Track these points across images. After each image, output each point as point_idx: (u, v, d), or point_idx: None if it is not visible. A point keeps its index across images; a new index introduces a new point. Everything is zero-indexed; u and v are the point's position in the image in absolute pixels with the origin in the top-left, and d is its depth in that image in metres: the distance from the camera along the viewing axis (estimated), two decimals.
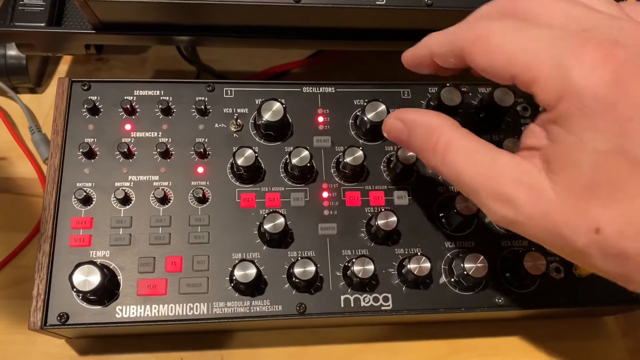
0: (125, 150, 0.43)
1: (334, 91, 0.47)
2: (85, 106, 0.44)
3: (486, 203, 0.32)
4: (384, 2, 0.46)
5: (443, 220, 0.44)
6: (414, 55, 0.38)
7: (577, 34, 0.29)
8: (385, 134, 0.40)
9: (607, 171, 0.27)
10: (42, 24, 0.48)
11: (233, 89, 0.46)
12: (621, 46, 0.28)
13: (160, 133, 0.44)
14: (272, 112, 0.43)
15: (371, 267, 0.40)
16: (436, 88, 0.47)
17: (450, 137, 0.34)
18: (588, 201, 0.28)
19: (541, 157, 0.30)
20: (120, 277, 0.40)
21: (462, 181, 0.33)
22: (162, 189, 0.42)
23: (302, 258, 0.40)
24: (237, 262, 0.39)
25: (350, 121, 0.47)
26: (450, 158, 0.33)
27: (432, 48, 0.36)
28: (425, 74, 0.39)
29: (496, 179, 0.31)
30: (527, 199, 0.30)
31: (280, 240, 0.42)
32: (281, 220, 0.40)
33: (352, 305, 0.41)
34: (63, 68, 0.60)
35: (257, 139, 0.45)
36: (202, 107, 0.45)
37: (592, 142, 0.28)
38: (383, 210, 0.42)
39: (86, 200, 0.42)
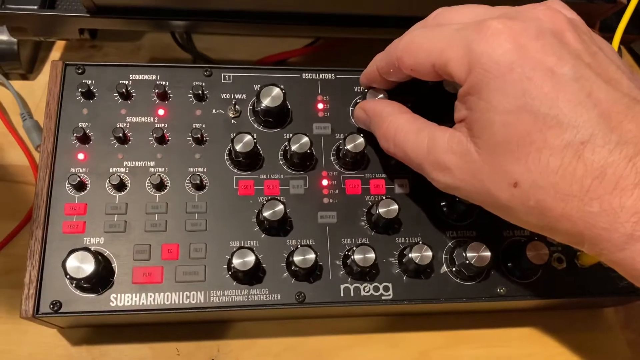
0: (121, 135, 0.42)
1: (334, 78, 0.47)
2: (80, 90, 0.43)
3: (430, 173, 0.36)
4: None
5: (444, 209, 0.43)
6: (366, 73, 0.43)
7: (480, 20, 0.32)
8: (354, 122, 0.44)
9: (516, 127, 0.30)
10: (35, 7, 0.47)
11: (231, 74, 0.45)
12: (518, 19, 0.32)
13: (156, 118, 0.43)
14: (272, 97, 0.42)
15: (372, 255, 0.39)
16: None
17: (397, 123, 0.38)
18: (504, 157, 0.31)
19: (466, 126, 0.34)
20: (114, 265, 0.39)
21: (410, 158, 0.37)
22: (159, 175, 0.41)
23: (301, 246, 0.39)
24: (235, 249, 0.39)
25: (351, 108, 0.46)
26: (398, 141, 0.38)
27: (377, 63, 0.41)
28: None
29: (434, 151, 0.35)
30: (458, 164, 0.34)
31: (279, 228, 0.41)
32: (280, 207, 0.39)
33: (352, 294, 0.40)
34: (56, 54, 0.59)
35: (255, 126, 0.44)
36: (200, 92, 0.44)
37: (499, 103, 0.31)
38: (384, 198, 0.41)
39: (80, 186, 0.41)
